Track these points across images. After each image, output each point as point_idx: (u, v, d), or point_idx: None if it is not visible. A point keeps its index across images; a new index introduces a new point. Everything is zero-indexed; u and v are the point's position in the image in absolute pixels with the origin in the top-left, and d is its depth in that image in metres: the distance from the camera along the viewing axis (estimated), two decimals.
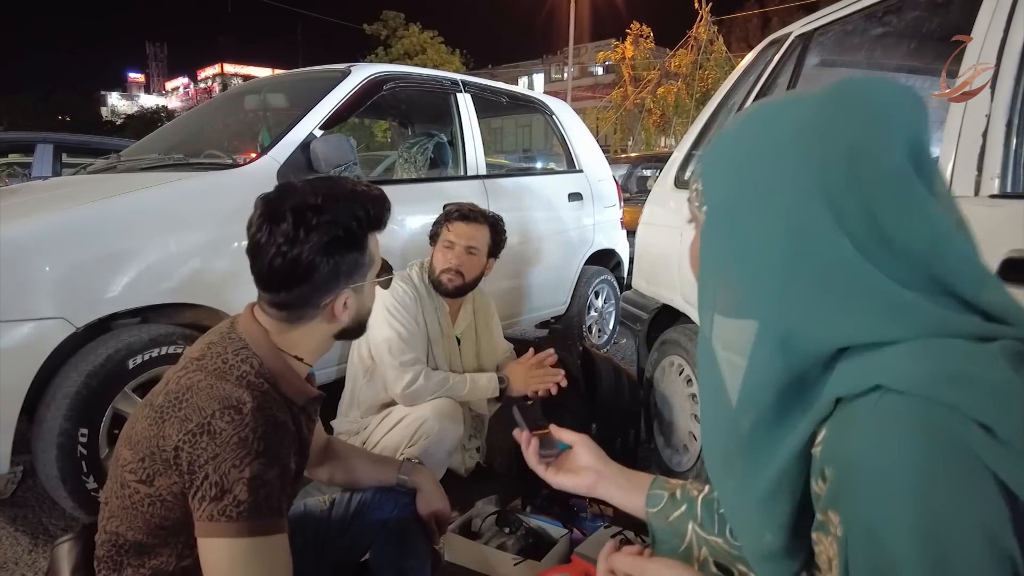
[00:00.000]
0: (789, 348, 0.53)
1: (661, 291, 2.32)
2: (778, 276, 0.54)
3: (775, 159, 0.55)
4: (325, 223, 0.95)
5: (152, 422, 0.91)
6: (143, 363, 1.84)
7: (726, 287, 0.59)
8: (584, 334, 3.73)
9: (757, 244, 0.55)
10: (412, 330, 1.88)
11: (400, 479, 1.37)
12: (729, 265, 0.58)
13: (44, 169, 4.89)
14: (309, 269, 0.95)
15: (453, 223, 1.99)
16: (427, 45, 23.83)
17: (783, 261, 0.53)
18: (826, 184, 0.52)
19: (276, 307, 1.00)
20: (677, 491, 0.82)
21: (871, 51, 1.84)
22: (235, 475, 0.85)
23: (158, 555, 0.92)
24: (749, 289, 0.56)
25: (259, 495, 0.86)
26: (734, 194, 0.58)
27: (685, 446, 2.12)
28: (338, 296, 1.01)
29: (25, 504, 2.04)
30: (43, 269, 1.72)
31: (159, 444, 0.89)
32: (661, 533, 0.80)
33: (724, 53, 17.32)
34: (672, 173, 2.42)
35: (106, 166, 2.53)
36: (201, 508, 0.86)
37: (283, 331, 1.02)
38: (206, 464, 0.85)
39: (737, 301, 0.58)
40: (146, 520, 0.91)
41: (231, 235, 2.06)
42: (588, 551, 1.66)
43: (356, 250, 1.02)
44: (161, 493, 0.89)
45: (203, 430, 0.87)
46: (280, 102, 2.94)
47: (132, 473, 0.91)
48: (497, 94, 3.41)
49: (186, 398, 0.90)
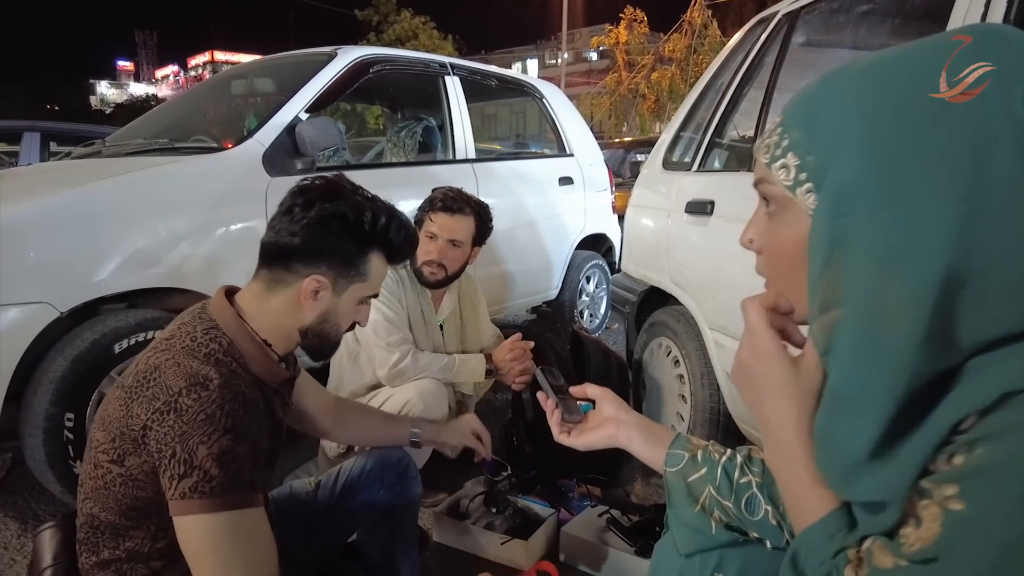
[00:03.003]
0: (943, 342, 0.47)
1: (650, 273, 2.32)
2: (945, 249, 0.46)
3: (941, 107, 0.47)
4: (340, 200, 1.01)
5: (122, 403, 0.91)
6: (129, 347, 1.83)
7: (864, 278, 0.49)
8: (575, 319, 3.73)
9: (922, 213, 0.46)
10: (397, 311, 1.87)
11: (412, 432, 1.42)
12: (875, 249, 0.49)
13: (31, 158, 4.84)
14: (303, 219, 0.98)
15: (436, 214, 1.96)
16: (419, 31, 23.62)
17: (954, 227, 0.45)
18: (1015, 128, 0.45)
19: (262, 259, 1.02)
20: (699, 453, 0.81)
21: (856, 30, 1.83)
22: (203, 451, 0.85)
23: (132, 537, 0.93)
24: (904, 274, 0.47)
25: (229, 470, 0.86)
26: (884, 159, 0.48)
27: (673, 426, 2.13)
28: (315, 274, 1.01)
29: (14, 490, 2.04)
30: (27, 254, 1.72)
31: (128, 424, 0.89)
32: (676, 492, 0.80)
33: (718, 37, 17.19)
34: (661, 155, 2.41)
35: (91, 151, 2.51)
36: (172, 487, 0.85)
37: (260, 302, 1.02)
38: (173, 442, 0.85)
39: (878, 291, 0.49)
40: (118, 501, 0.91)
41: (218, 219, 2.06)
42: (575, 531, 1.68)
43: (356, 244, 1.03)
44: (132, 473, 0.89)
45: (170, 408, 0.86)
46: (266, 86, 2.91)
47: (104, 454, 0.91)
48: (486, 77, 3.39)
49: (154, 377, 0.90)
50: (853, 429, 0.51)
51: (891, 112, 0.49)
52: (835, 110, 0.52)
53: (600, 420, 0.90)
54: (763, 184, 0.59)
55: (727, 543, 0.77)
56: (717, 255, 1.86)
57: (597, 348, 2.28)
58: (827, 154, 0.52)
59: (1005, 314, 0.46)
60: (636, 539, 1.62)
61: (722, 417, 1.92)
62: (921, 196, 0.47)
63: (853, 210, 0.50)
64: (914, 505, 0.49)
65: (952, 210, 0.46)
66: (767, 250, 0.62)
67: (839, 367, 0.53)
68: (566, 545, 1.67)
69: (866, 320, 0.50)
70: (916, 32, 1.70)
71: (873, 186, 0.49)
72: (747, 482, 0.77)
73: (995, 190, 0.45)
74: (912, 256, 0.47)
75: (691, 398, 2.02)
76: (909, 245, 0.47)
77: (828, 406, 0.55)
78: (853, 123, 0.50)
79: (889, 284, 0.48)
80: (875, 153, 0.49)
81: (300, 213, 0.99)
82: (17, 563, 1.69)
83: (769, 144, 0.57)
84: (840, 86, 0.53)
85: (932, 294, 0.46)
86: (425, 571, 1.59)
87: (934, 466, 0.48)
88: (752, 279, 0.65)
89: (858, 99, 0.51)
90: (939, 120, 0.47)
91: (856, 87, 0.52)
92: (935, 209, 0.46)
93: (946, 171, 0.46)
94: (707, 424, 1.95)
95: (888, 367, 0.49)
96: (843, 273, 0.51)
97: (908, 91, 0.49)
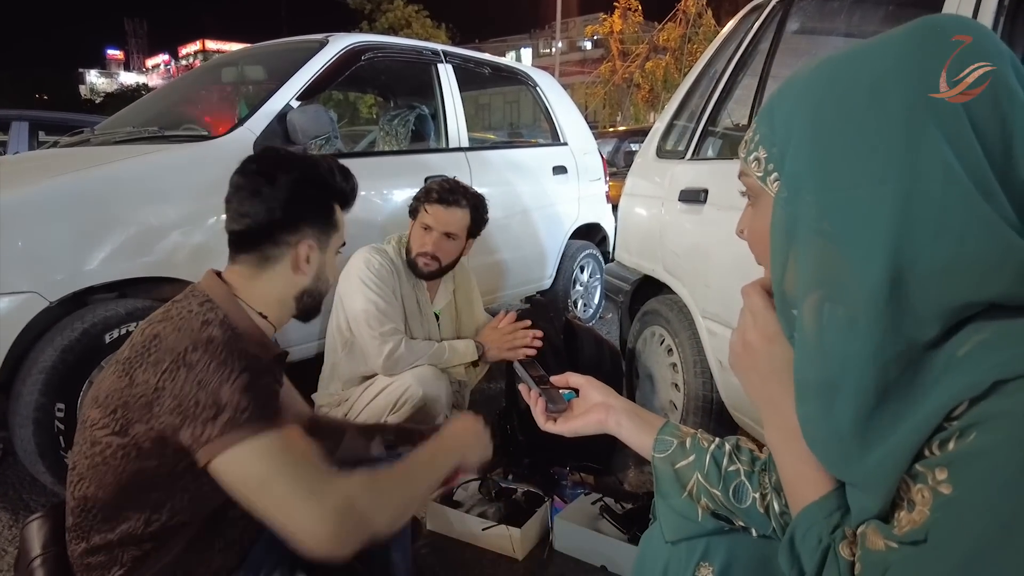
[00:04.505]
0: (901, 312, 0.49)
1: (643, 262, 2.32)
2: (888, 227, 0.48)
3: (872, 99, 0.51)
4: (298, 166, 1.06)
5: (120, 375, 0.90)
6: (120, 337, 1.82)
7: (815, 257, 0.53)
8: (569, 308, 3.73)
9: (860, 195, 0.50)
10: (390, 300, 1.87)
11: (378, 450, 1.35)
12: (822, 228, 0.53)
13: (20, 147, 4.79)
14: (275, 194, 1.01)
15: (432, 205, 1.95)
16: (412, 19, 23.44)
17: (894, 208, 0.48)
18: (940, 115, 0.48)
19: (243, 245, 1.04)
20: (688, 439, 0.81)
21: (849, 16, 1.83)
22: (227, 390, 0.85)
23: (126, 518, 0.91)
24: (851, 251, 0.51)
25: (259, 399, 0.87)
26: (824, 146, 0.53)
27: (666, 414, 2.14)
28: (302, 241, 1.05)
29: (5, 481, 2.03)
30: (15, 243, 1.69)
31: (132, 392, 0.88)
32: (664, 479, 0.80)
33: (713, 26, 17.16)
34: (654, 144, 2.41)
35: (79, 140, 2.48)
36: (206, 431, 0.84)
37: (250, 280, 1.04)
38: (194, 392, 0.85)
39: (831, 269, 0.52)
40: (117, 476, 0.89)
41: (208, 208, 2.04)
42: (568, 518, 1.69)
43: (323, 195, 1.09)
44: (137, 442, 0.88)
45: (179, 365, 0.86)
46: (257, 74, 2.89)
47: (103, 429, 0.89)
48: (479, 65, 3.37)
49: (155, 344, 0.90)
50: (830, 410, 0.53)
51: (831, 106, 0.53)
52: (789, 105, 0.57)
53: (588, 406, 0.89)
54: (743, 176, 0.63)
55: (713, 531, 0.77)
56: (711, 243, 1.86)
57: (590, 337, 2.27)
58: (783, 144, 0.57)
59: (961, 281, 0.48)
60: (629, 526, 1.62)
61: (715, 405, 1.93)
62: (857, 180, 0.51)
63: (802, 192, 0.54)
64: (908, 490, 0.50)
65: (888, 190, 0.49)
66: (750, 238, 0.65)
67: (799, 350, 0.57)
68: (559, 532, 1.67)
69: (818, 299, 0.53)
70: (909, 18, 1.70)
71: (817, 170, 0.53)
72: (735, 470, 0.77)
73: (927, 173, 0.48)
74: (854, 232, 0.50)
75: (684, 386, 2.03)
76: (851, 222, 0.51)
77: (797, 392, 0.57)
78: (802, 116, 0.56)
79: (837, 260, 0.52)
80: (818, 141, 0.53)
81: (269, 190, 1.02)
82: (8, 554, 1.69)
83: (746, 140, 0.62)
84: (793, 84, 0.58)
85: (878, 270, 0.49)
86: (418, 559, 1.59)
87: (928, 451, 0.48)
88: (745, 267, 0.66)
89: (805, 95, 0.56)
90: (873, 111, 0.51)
91: (804, 85, 0.57)
92: (872, 191, 0.50)
93: (880, 157, 0.50)
94: (700, 412, 1.96)
95: (849, 345, 0.51)
96: (798, 255, 0.55)
97: (849, 88, 0.53)
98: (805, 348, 0.56)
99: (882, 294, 0.49)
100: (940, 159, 0.47)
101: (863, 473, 0.53)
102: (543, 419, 0.90)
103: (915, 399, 0.49)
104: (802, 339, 0.56)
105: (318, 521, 0.83)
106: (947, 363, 0.48)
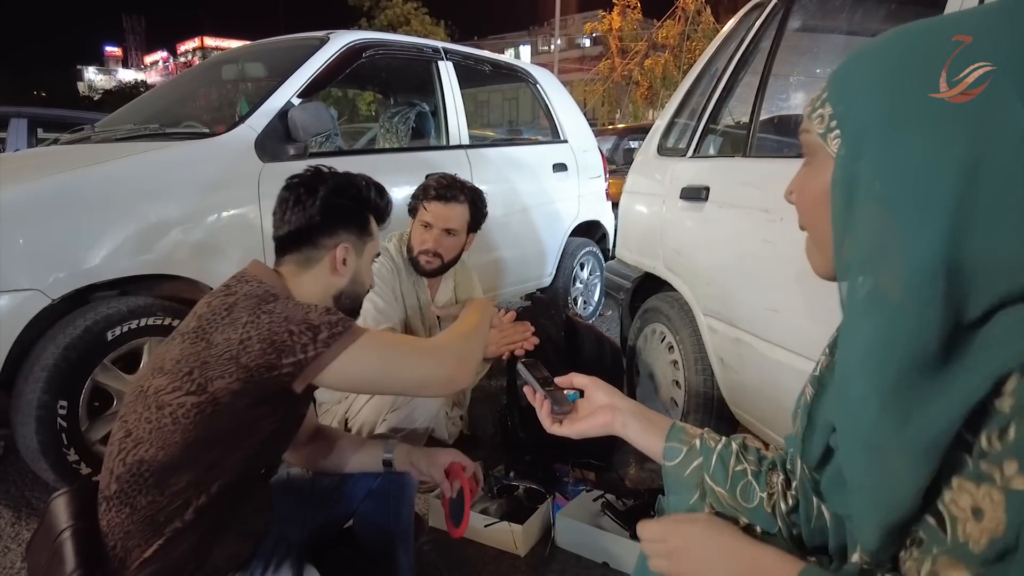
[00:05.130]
0: (959, 288, 0.46)
1: (644, 260, 2.33)
2: (950, 194, 0.46)
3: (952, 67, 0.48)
4: (335, 181, 1.18)
5: (193, 341, 0.96)
6: (122, 335, 1.83)
7: (870, 222, 0.51)
8: (569, 305, 3.73)
9: (925, 158, 0.48)
10: (389, 301, 1.87)
11: (385, 458, 1.32)
12: (877, 190, 0.51)
13: (19, 144, 4.77)
14: (315, 202, 1.13)
15: (430, 202, 1.94)
16: (411, 16, 23.34)
17: (959, 173, 0.46)
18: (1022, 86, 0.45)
19: (287, 248, 1.15)
20: (696, 442, 0.81)
21: (852, 14, 1.83)
22: (314, 315, 0.97)
23: (179, 479, 0.93)
24: (907, 218, 0.48)
25: (342, 315, 1.01)
26: (894, 104, 0.50)
27: (667, 411, 2.14)
28: (339, 244, 1.15)
29: (7, 479, 2.03)
30: (16, 241, 1.70)
31: (211, 352, 0.94)
32: (675, 486, 0.80)
33: (712, 24, 17.13)
34: (655, 141, 2.41)
35: (80, 137, 2.48)
36: (310, 350, 0.94)
37: (293, 278, 1.14)
38: (283, 327, 0.95)
39: (884, 236, 0.50)
40: (186, 434, 0.93)
41: (210, 206, 2.04)
42: (570, 515, 1.69)
43: (359, 207, 1.20)
44: (216, 396, 0.93)
45: (257, 315, 0.96)
46: (258, 71, 2.88)
47: (175, 392, 0.94)
48: (479, 62, 3.37)
49: (226, 310, 0.98)
50: (871, 380, 0.51)
51: (908, 69, 0.51)
52: (863, 65, 0.56)
53: (593, 408, 0.88)
54: (803, 133, 0.61)
55: None
56: (712, 241, 1.86)
57: (591, 334, 2.28)
58: (850, 103, 0.55)
59: (1018, 263, 0.46)
60: (631, 523, 1.63)
61: (716, 402, 1.93)
62: (924, 141, 0.48)
63: (863, 150, 0.52)
64: (972, 494, 0.47)
65: (957, 153, 0.46)
66: (799, 197, 0.64)
67: (847, 318, 0.55)
68: (561, 529, 1.68)
69: (869, 266, 0.52)
70: (912, 17, 1.70)
71: (883, 130, 0.51)
72: (742, 470, 0.77)
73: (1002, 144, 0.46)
74: (913, 197, 0.48)
75: (685, 384, 2.03)
76: (911, 186, 0.48)
77: (840, 360, 0.57)
78: (874, 75, 0.54)
79: (890, 226, 0.50)
80: (889, 99, 0.51)
81: (309, 199, 1.14)
82: (11, 551, 1.69)
83: (814, 98, 0.60)
84: (871, 45, 0.56)
85: (932, 239, 0.47)
86: (421, 556, 1.60)
87: (987, 442, 0.45)
88: (745, 265, 0.66)
89: (882, 57, 0.54)
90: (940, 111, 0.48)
91: (882, 45, 0.55)
92: (938, 153, 0.47)
93: (951, 117, 0.47)
94: (701, 409, 1.96)
95: (896, 317, 0.49)
96: (856, 218, 0.53)
97: (920, 67, 0.51)
98: (853, 317, 0.54)
99: (933, 264, 0.47)
100: (1019, 127, 0.45)
101: (904, 440, 0.50)
102: (548, 421, 0.89)
103: (956, 372, 0.47)
104: (851, 306, 0.54)
105: (441, 366, 1.07)
106: (990, 336, 0.47)
